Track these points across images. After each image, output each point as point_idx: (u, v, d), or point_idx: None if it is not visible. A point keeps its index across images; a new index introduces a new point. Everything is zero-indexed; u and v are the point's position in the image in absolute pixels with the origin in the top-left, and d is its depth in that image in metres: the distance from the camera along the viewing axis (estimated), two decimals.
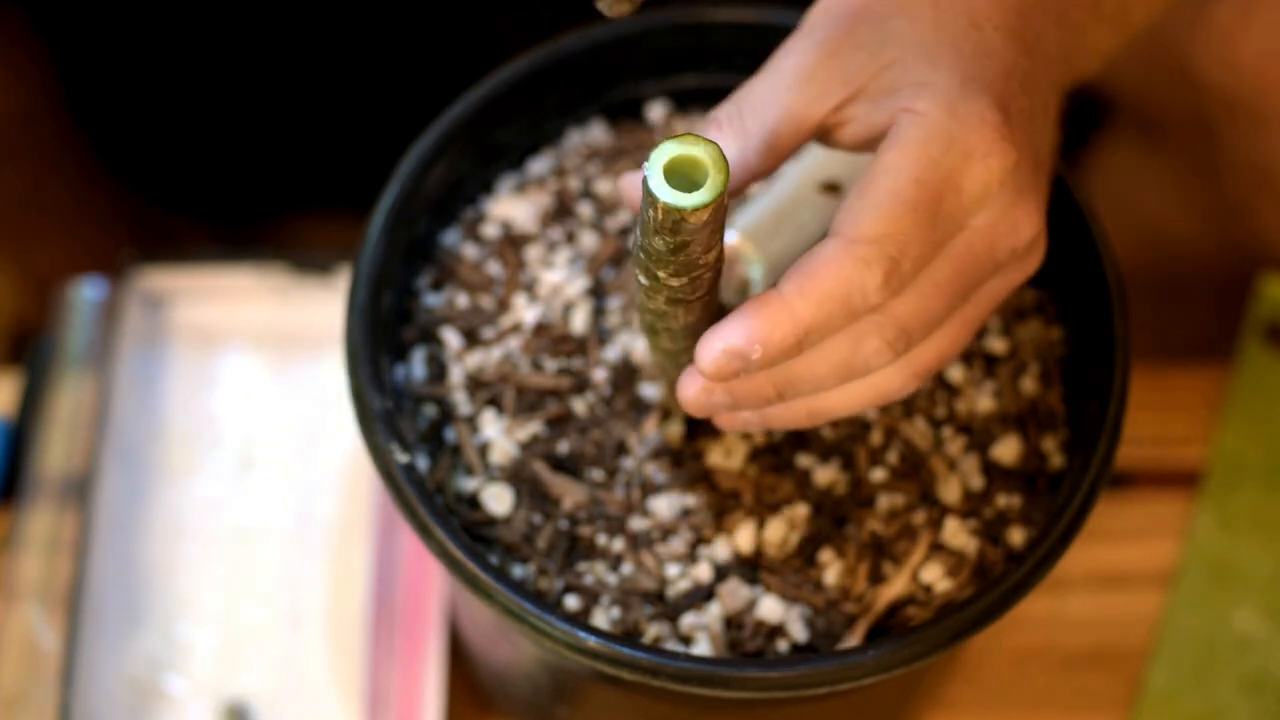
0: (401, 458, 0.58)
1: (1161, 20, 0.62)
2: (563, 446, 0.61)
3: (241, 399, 0.82)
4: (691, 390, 0.54)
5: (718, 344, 0.51)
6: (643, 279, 0.51)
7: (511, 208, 0.66)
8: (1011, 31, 0.54)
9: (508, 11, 0.89)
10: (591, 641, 0.54)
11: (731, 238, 0.63)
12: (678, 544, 0.60)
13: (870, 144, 0.54)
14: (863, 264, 0.51)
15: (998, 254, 0.54)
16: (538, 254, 0.65)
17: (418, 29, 0.92)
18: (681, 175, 0.47)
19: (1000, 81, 0.53)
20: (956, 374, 0.63)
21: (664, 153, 0.47)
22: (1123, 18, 0.59)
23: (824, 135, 0.55)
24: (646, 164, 0.47)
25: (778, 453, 0.61)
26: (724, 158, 0.47)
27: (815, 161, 0.66)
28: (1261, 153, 0.81)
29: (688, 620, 0.58)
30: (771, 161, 0.55)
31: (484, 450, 0.61)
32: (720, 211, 0.48)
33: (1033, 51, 0.55)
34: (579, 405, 0.62)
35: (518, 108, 0.65)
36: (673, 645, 0.58)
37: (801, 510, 0.60)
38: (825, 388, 0.54)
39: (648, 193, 0.47)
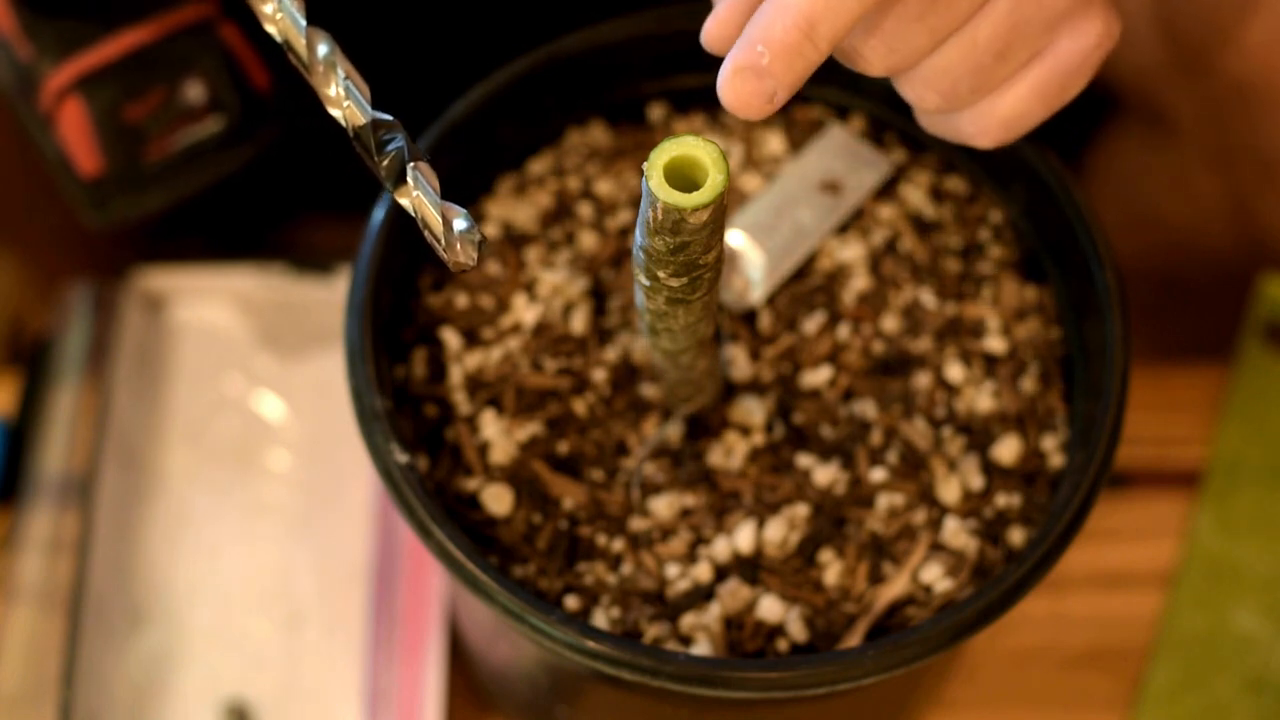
0: (401, 458, 0.58)
1: None
2: (563, 446, 0.61)
3: (241, 399, 0.82)
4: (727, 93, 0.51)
5: (727, 69, 0.50)
6: (643, 279, 0.51)
7: (511, 208, 0.66)
8: None
9: (507, 12, 0.89)
10: (591, 641, 0.54)
11: (732, 237, 0.63)
12: (678, 544, 0.60)
13: None
14: None
15: None
16: (538, 254, 0.65)
17: (417, 30, 0.92)
18: (681, 175, 0.47)
19: None
20: (956, 374, 0.63)
21: (664, 153, 0.47)
22: None
23: None
24: (647, 164, 0.47)
25: (777, 453, 0.61)
26: (724, 158, 0.47)
27: (815, 161, 0.66)
28: (1270, 139, 0.81)
29: (688, 620, 0.58)
30: None
31: (484, 450, 0.61)
32: (720, 211, 0.48)
33: None
34: (579, 405, 0.62)
35: (518, 108, 0.65)
36: (673, 645, 0.58)
37: (801, 510, 0.60)
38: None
39: (647, 193, 0.47)
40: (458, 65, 0.75)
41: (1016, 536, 0.60)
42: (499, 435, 0.61)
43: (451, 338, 0.63)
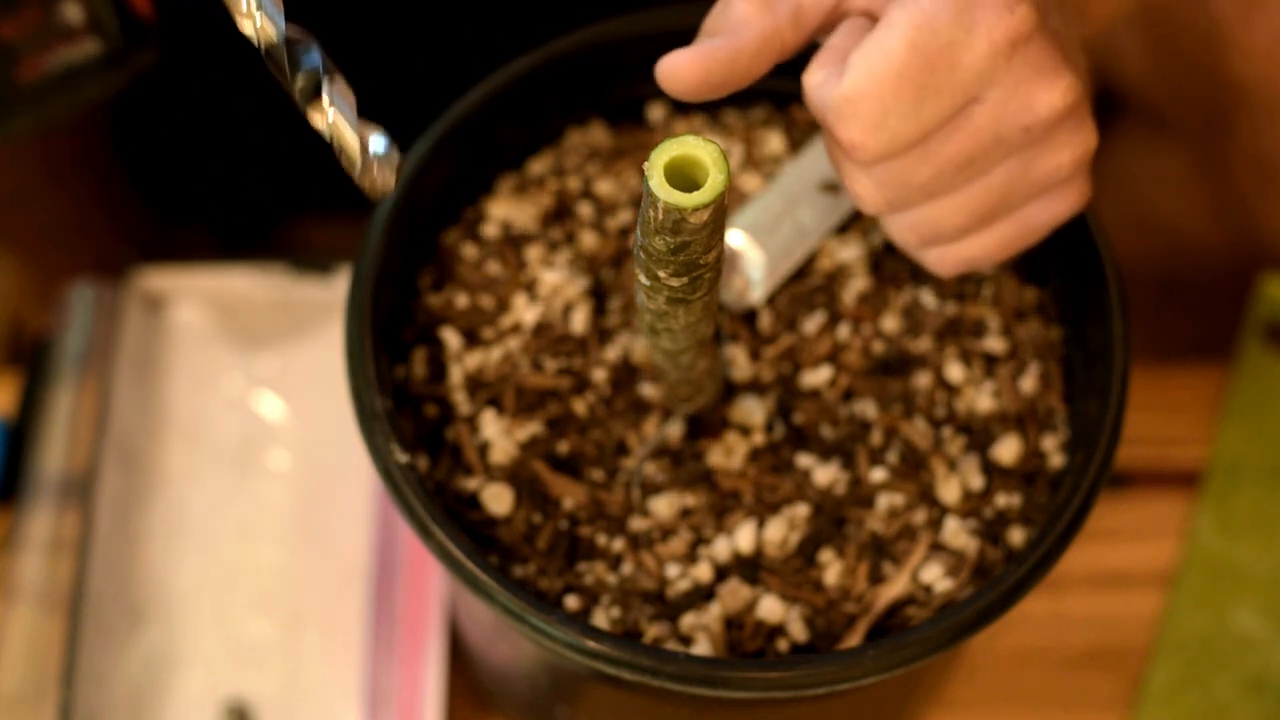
0: (401, 458, 0.58)
1: None
2: (563, 446, 0.61)
3: (241, 399, 0.82)
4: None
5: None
6: (643, 279, 0.51)
7: (511, 208, 0.66)
8: None
9: (507, 12, 0.89)
10: (591, 641, 0.54)
11: (732, 237, 0.63)
12: (678, 544, 0.60)
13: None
14: (841, 120, 0.52)
15: (1003, 130, 0.53)
16: (538, 254, 0.65)
17: (416, 31, 0.92)
18: (682, 175, 0.47)
19: None
20: (956, 374, 0.63)
21: (664, 152, 0.47)
22: None
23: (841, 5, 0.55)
24: (647, 164, 0.47)
25: (777, 453, 0.61)
26: (724, 158, 0.47)
27: (815, 161, 0.66)
28: (1271, 141, 0.81)
29: (688, 620, 0.58)
30: (799, 36, 0.55)
31: (484, 450, 0.61)
32: (720, 211, 0.48)
33: None
34: (579, 405, 0.62)
35: (518, 108, 0.65)
36: (673, 645, 0.58)
37: (801, 510, 0.60)
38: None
39: (648, 193, 0.47)
40: (458, 65, 0.75)
41: (1016, 536, 0.60)
42: (499, 435, 0.61)
43: (451, 338, 0.63)
